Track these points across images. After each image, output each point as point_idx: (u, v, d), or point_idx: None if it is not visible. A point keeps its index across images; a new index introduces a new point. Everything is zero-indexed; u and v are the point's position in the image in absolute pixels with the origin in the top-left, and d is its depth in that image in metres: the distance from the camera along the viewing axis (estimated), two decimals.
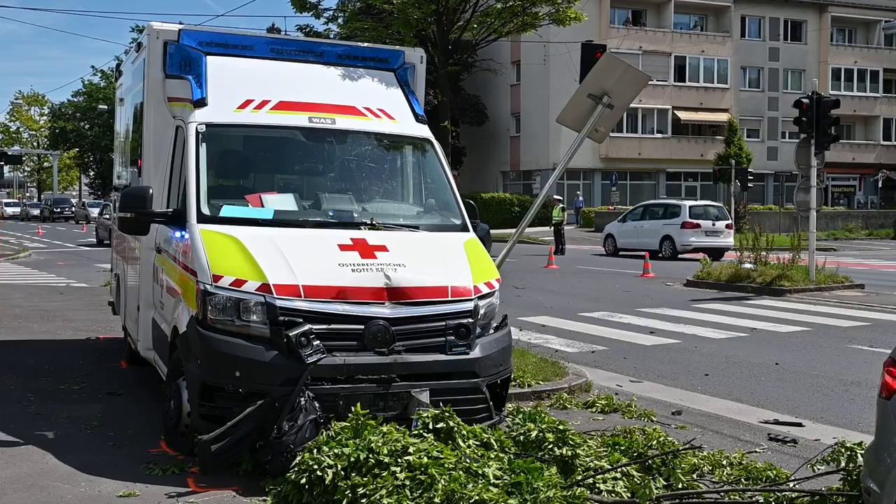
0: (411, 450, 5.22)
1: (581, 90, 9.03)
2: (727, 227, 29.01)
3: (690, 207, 29.36)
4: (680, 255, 28.58)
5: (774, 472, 5.89)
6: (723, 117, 54.14)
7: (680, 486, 5.65)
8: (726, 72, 55.74)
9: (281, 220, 6.91)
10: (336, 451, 5.27)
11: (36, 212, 73.35)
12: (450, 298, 6.56)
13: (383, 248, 6.66)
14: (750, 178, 40.53)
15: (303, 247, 6.59)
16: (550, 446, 5.82)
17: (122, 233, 9.15)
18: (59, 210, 69.59)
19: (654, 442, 6.10)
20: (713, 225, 28.71)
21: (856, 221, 48.82)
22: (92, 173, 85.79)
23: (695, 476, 5.91)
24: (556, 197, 33.62)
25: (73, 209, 69.70)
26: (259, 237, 6.60)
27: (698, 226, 28.42)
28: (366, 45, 9.12)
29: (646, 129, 54.41)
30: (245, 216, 6.88)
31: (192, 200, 6.80)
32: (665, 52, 53.72)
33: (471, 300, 6.64)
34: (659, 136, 54.32)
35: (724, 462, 6.14)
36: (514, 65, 54.37)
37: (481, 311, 6.71)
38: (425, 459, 5.12)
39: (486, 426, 6.14)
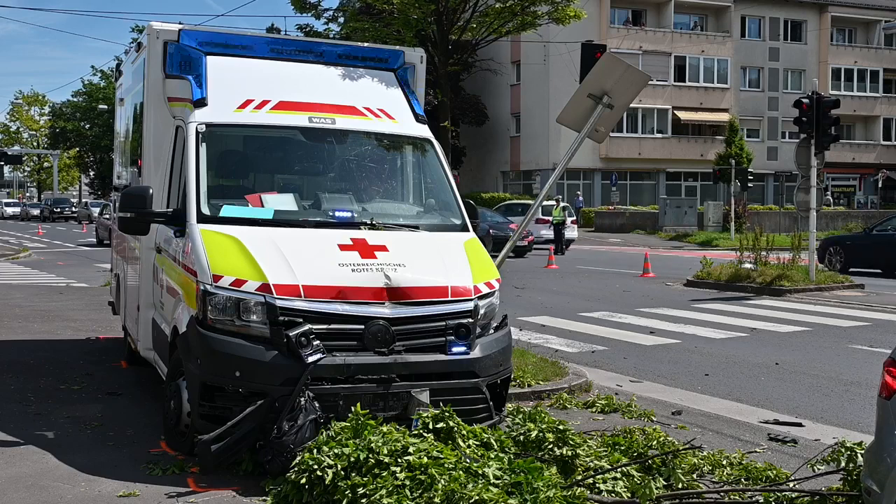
0: (411, 450, 5.22)
1: (581, 90, 9.02)
2: (572, 222, 35.24)
3: (542, 206, 33.92)
4: (534, 246, 32.48)
5: (774, 472, 5.89)
6: (723, 117, 54.16)
7: (680, 486, 5.66)
8: (726, 72, 55.74)
9: (281, 220, 6.91)
10: (336, 451, 5.27)
11: (36, 212, 73.07)
12: (450, 298, 6.56)
13: (383, 248, 6.66)
14: (750, 178, 40.55)
15: (303, 247, 6.59)
16: (550, 446, 5.83)
17: (122, 233, 9.14)
18: (59, 210, 69.03)
19: (654, 442, 6.10)
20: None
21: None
22: (92, 173, 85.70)
23: (695, 476, 5.91)
24: (555, 197, 33.69)
25: (74, 209, 69.43)
26: (259, 237, 6.60)
27: (549, 222, 33.16)
28: (366, 45, 9.11)
29: (646, 129, 54.41)
30: (245, 216, 6.88)
31: (192, 200, 6.80)
32: (665, 52, 53.71)
33: (471, 300, 6.64)
34: (659, 136, 54.32)
35: (724, 462, 6.13)
36: (514, 65, 54.37)
37: (481, 311, 6.71)
38: (425, 459, 5.12)
39: (486, 426, 6.14)
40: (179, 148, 7.43)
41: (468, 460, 5.26)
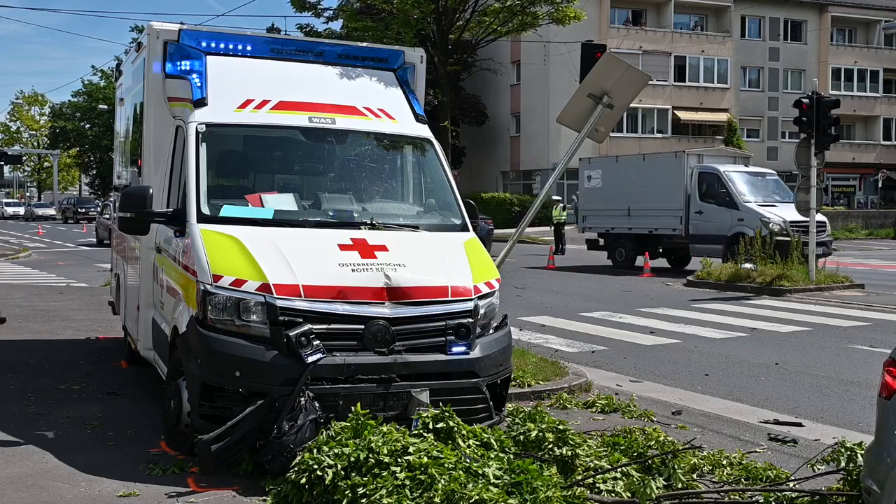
0: (411, 450, 5.23)
1: (581, 90, 9.03)
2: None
3: None
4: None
5: (774, 472, 5.89)
6: (723, 117, 54.14)
7: (680, 486, 5.65)
8: (726, 72, 55.73)
9: (281, 220, 6.91)
10: (336, 450, 5.27)
11: (41, 211, 71.05)
12: (450, 298, 6.56)
13: (383, 248, 6.66)
14: None
15: (303, 247, 6.60)
16: (550, 446, 5.83)
17: (122, 233, 9.15)
18: (83, 211, 63.98)
19: (654, 442, 6.10)
20: None
21: (856, 221, 48.79)
22: (92, 173, 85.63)
23: (695, 476, 5.91)
24: (555, 197, 33.65)
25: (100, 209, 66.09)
26: (259, 237, 6.60)
27: None
28: (365, 44, 9.11)
29: (646, 129, 54.40)
30: (245, 216, 6.88)
31: (192, 200, 6.80)
32: (665, 52, 53.71)
33: (471, 300, 6.64)
34: (659, 136, 54.29)
35: (724, 462, 6.13)
36: (514, 65, 54.36)
37: (481, 311, 6.71)
38: (425, 459, 5.12)
39: (486, 426, 6.14)
40: (179, 148, 7.43)
41: (468, 460, 5.26)
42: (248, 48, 8.03)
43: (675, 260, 25.30)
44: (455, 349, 6.45)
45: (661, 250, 24.91)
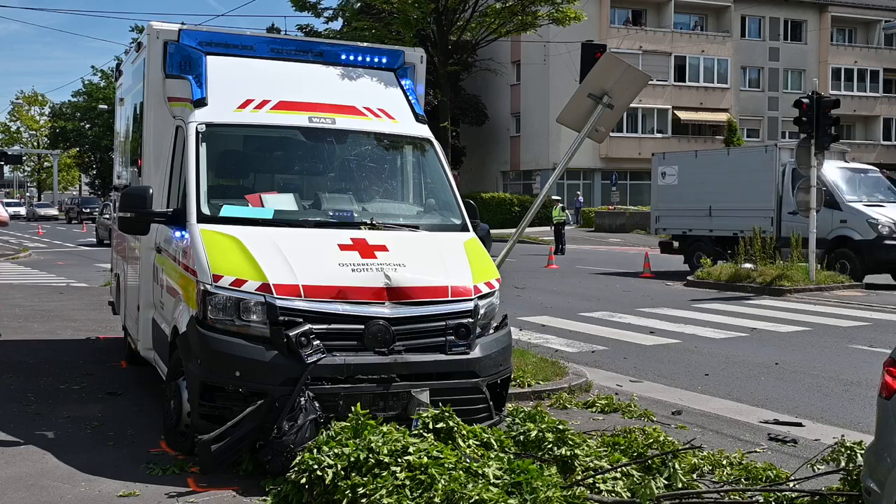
0: (411, 450, 5.23)
1: (581, 90, 9.03)
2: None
3: None
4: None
5: (774, 472, 5.88)
6: (723, 117, 54.14)
7: (680, 485, 5.65)
8: (726, 72, 55.75)
9: (281, 220, 6.91)
10: (336, 450, 5.27)
11: (43, 211, 70.76)
12: (450, 298, 6.56)
13: (383, 248, 6.66)
14: None
15: (303, 246, 6.60)
16: (550, 446, 5.83)
17: (122, 233, 9.15)
18: (87, 210, 64.08)
19: (654, 442, 6.10)
20: None
21: None
22: (92, 173, 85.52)
23: (695, 476, 5.91)
24: (554, 197, 33.66)
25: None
26: (259, 237, 6.60)
27: None
28: (365, 44, 9.11)
29: (646, 128, 54.42)
30: (245, 216, 6.88)
31: (192, 200, 6.81)
32: (665, 52, 53.73)
33: (471, 300, 6.64)
34: (659, 135, 54.30)
35: (724, 462, 6.13)
36: (514, 65, 54.39)
37: (481, 311, 6.71)
38: (425, 459, 5.12)
39: (486, 426, 6.14)
40: (179, 148, 7.44)
41: (468, 460, 5.26)
42: (248, 48, 8.03)
43: None
44: (455, 349, 6.45)
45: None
